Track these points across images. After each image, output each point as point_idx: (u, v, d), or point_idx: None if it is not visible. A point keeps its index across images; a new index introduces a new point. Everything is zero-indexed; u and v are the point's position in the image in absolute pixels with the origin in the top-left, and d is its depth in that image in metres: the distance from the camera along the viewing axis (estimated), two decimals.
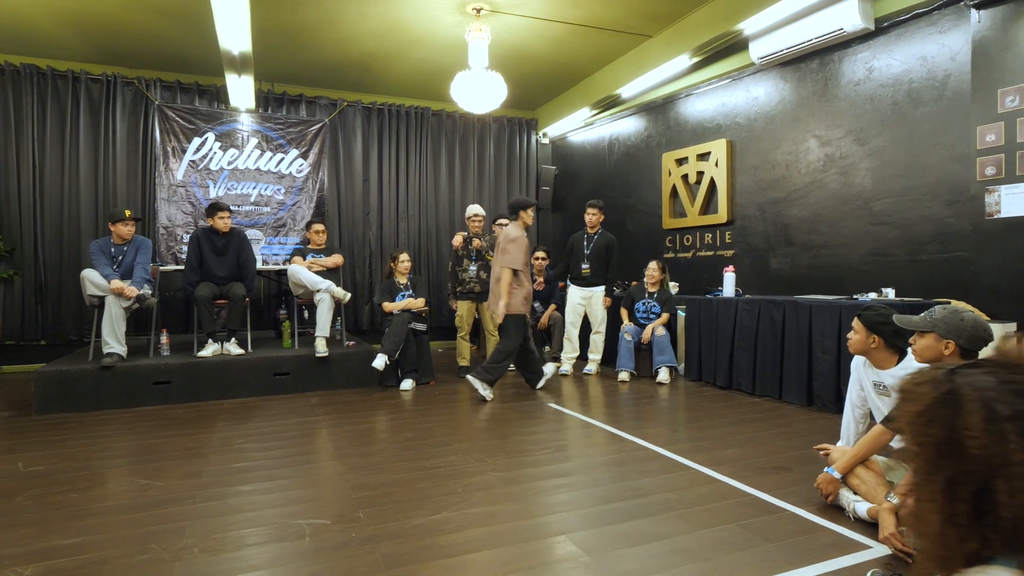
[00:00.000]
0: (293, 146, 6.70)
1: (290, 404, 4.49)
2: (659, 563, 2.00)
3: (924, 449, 0.89)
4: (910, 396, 0.93)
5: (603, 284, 5.55)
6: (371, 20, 5.32)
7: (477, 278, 5.55)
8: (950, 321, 2.00)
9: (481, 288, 5.52)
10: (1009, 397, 0.82)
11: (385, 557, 2.05)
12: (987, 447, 0.82)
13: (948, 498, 0.85)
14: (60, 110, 6.13)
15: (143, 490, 2.70)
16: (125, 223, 4.69)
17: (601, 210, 5.68)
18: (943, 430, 0.87)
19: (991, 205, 3.75)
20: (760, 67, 5.31)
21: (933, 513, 0.88)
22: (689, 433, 3.68)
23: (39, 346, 6.08)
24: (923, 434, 0.89)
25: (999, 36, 3.72)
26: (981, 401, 0.84)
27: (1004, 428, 0.81)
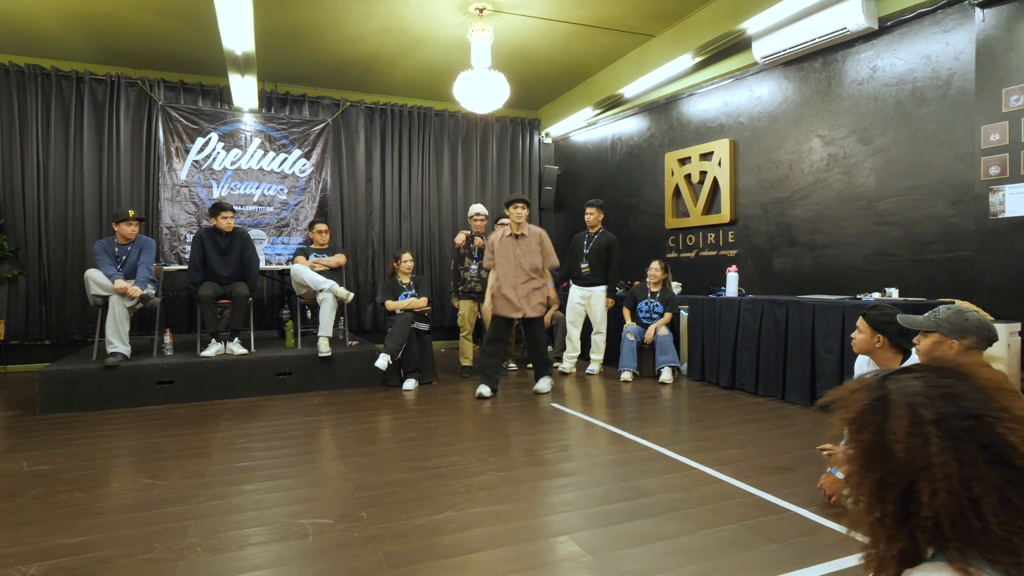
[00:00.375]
0: (296, 146, 6.71)
1: (293, 404, 4.50)
2: (662, 563, 2.00)
3: (856, 453, 0.93)
4: (844, 403, 0.96)
5: (603, 284, 5.54)
6: (374, 20, 5.32)
7: (478, 277, 5.54)
8: (954, 321, 1.99)
9: (483, 287, 5.49)
10: (934, 401, 0.86)
11: (388, 557, 2.05)
12: (910, 450, 0.85)
13: (878, 499, 0.89)
14: (64, 110, 6.15)
15: (147, 489, 2.71)
16: (129, 223, 4.71)
17: (600, 209, 5.66)
18: (872, 435, 0.90)
19: (995, 205, 3.73)
20: (763, 67, 5.30)
21: (865, 514, 0.91)
22: (692, 433, 3.67)
23: (43, 346, 6.10)
24: (854, 439, 0.93)
25: (1003, 35, 3.70)
26: (907, 406, 0.87)
27: (927, 431, 0.84)
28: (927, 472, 0.83)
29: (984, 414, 0.84)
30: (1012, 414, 0.84)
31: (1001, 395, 0.87)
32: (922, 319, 2.09)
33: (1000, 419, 0.83)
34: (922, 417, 0.85)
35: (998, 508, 0.78)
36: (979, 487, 0.79)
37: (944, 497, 0.81)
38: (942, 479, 0.81)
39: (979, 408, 0.85)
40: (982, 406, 0.85)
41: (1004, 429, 0.82)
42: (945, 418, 0.84)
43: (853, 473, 0.94)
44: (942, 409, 0.85)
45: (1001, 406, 0.85)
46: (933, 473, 0.82)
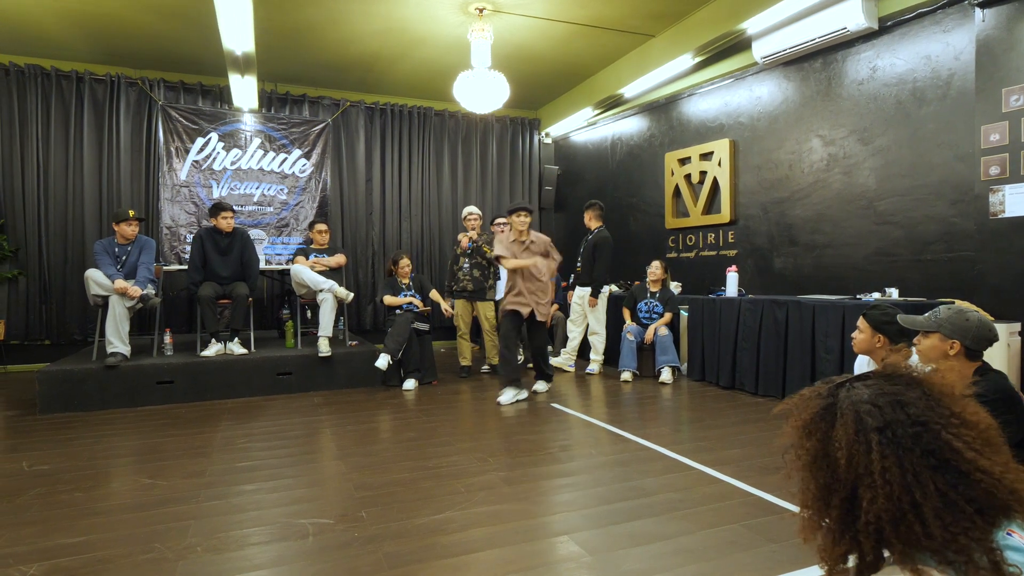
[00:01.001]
0: (296, 146, 6.71)
1: (293, 404, 4.50)
2: (662, 563, 2.00)
3: (803, 461, 0.95)
4: (796, 411, 0.99)
5: (587, 284, 5.54)
6: (374, 20, 5.32)
7: (471, 276, 5.55)
8: (955, 321, 1.99)
9: (474, 286, 5.55)
10: (882, 409, 0.88)
11: (388, 557, 2.05)
12: (852, 458, 0.88)
13: (823, 505, 0.92)
14: (64, 110, 6.15)
15: (147, 489, 2.71)
16: (129, 223, 4.71)
17: (591, 209, 5.67)
18: (818, 442, 0.93)
19: (995, 205, 3.73)
20: (763, 67, 5.30)
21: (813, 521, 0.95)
22: (692, 433, 3.67)
23: (43, 346, 6.10)
24: (802, 447, 0.95)
25: (1003, 35, 3.70)
26: (854, 414, 0.90)
27: (870, 438, 0.86)
28: (868, 478, 0.85)
29: (930, 420, 0.85)
30: (960, 419, 0.86)
31: (950, 401, 0.89)
32: (922, 319, 2.09)
33: (947, 425, 0.85)
34: (867, 424, 0.87)
35: (942, 512, 0.80)
36: (920, 492, 0.81)
37: (883, 503, 0.83)
38: (882, 485, 0.83)
39: (925, 415, 0.86)
40: (929, 413, 0.86)
41: (950, 435, 0.84)
42: (890, 425, 0.86)
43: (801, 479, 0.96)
44: (889, 416, 0.87)
45: (950, 412, 0.87)
46: (873, 479, 0.84)
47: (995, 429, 0.89)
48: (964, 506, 0.80)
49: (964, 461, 0.82)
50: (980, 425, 0.87)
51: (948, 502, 0.80)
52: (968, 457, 0.83)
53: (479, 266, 5.56)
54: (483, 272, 5.57)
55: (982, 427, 0.87)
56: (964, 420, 0.87)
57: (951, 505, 0.80)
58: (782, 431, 1.01)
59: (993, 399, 1.89)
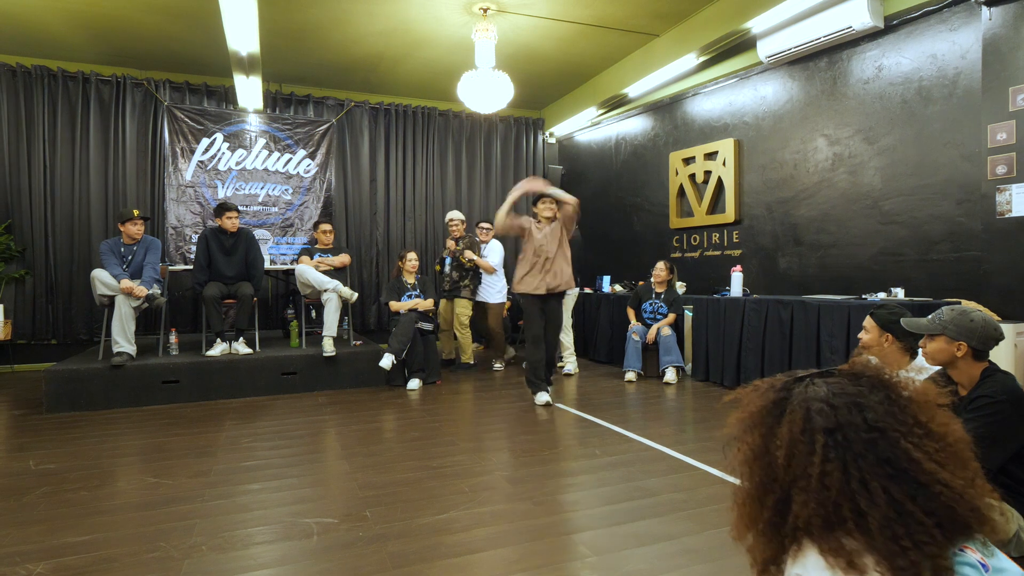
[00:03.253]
0: (301, 146, 6.73)
1: (298, 403, 4.51)
2: (667, 563, 1.99)
3: (742, 454, 0.90)
4: (745, 401, 0.93)
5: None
6: (378, 20, 5.33)
7: (450, 277, 5.81)
8: (960, 323, 1.97)
9: (450, 286, 5.81)
10: (837, 410, 0.82)
11: (392, 556, 2.05)
12: (791, 458, 0.83)
13: (758, 504, 0.87)
14: (71, 111, 6.18)
15: (153, 488, 2.72)
16: (134, 222, 4.73)
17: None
18: (760, 438, 0.88)
19: (1002, 204, 3.71)
20: (768, 66, 5.28)
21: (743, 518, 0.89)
22: (696, 433, 3.67)
23: (50, 345, 6.13)
24: (743, 441, 0.90)
25: (1010, 34, 3.68)
26: (804, 412, 0.84)
27: (815, 440, 0.81)
28: (803, 481, 0.81)
29: (889, 427, 0.80)
30: (925, 429, 0.81)
31: (917, 408, 0.83)
32: (926, 321, 2.07)
33: (907, 433, 0.80)
34: (815, 424, 0.82)
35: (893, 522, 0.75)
36: (866, 500, 0.76)
37: (814, 507, 0.78)
38: (817, 489, 0.79)
39: (884, 421, 0.81)
40: (888, 419, 0.81)
41: (909, 444, 0.79)
42: (841, 427, 0.81)
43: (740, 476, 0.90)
44: (843, 418, 0.81)
45: (914, 420, 0.82)
46: (809, 483, 0.80)
47: (964, 443, 0.83)
48: (922, 518, 0.75)
49: (923, 472, 0.78)
50: (947, 437, 0.82)
51: (903, 512, 0.75)
52: (927, 468, 0.78)
53: (458, 268, 5.79)
54: (460, 274, 5.79)
55: (949, 439, 0.82)
56: (929, 430, 0.82)
57: (906, 516, 0.75)
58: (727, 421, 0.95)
59: (1002, 400, 1.87)
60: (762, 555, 0.88)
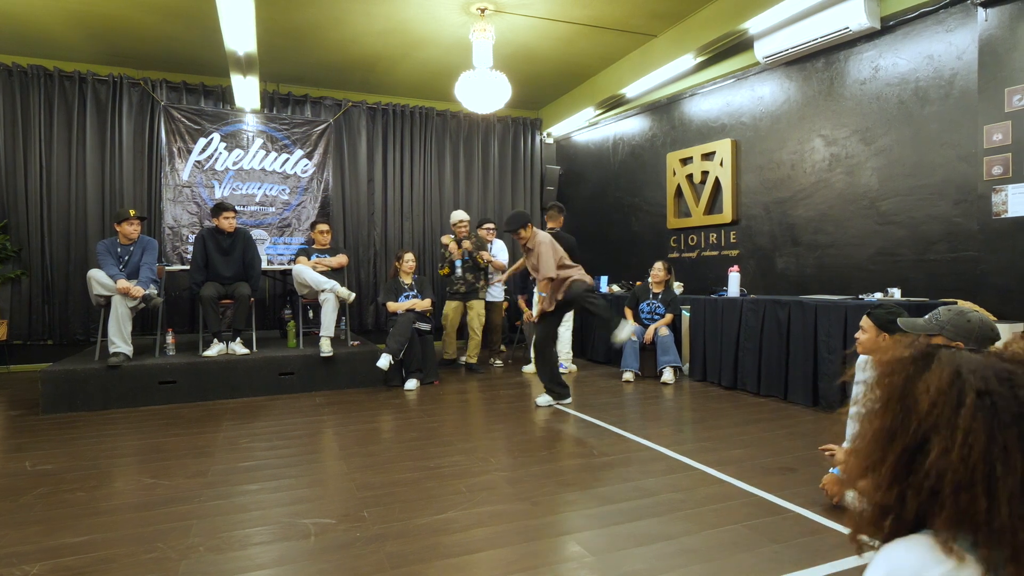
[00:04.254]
0: (298, 146, 6.72)
1: (295, 404, 4.50)
2: (665, 563, 1.99)
3: (874, 395, 0.88)
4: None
5: None
6: (376, 20, 5.32)
7: (463, 279, 5.71)
8: (957, 323, 1.98)
9: (466, 288, 5.72)
10: (988, 378, 0.80)
11: (390, 556, 2.05)
12: (936, 405, 0.80)
13: (880, 447, 0.84)
14: (67, 111, 6.16)
15: (150, 489, 2.72)
16: (130, 222, 4.71)
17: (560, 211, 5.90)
18: (902, 380, 0.85)
19: (998, 204, 3.72)
20: (765, 66, 5.29)
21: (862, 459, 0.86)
22: (694, 433, 3.67)
23: (46, 345, 6.11)
24: (879, 382, 0.88)
25: (1006, 35, 3.69)
26: (954, 367, 0.82)
27: (965, 396, 0.79)
28: (947, 431, 0.78)
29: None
30: None
31: None
32: (923, 322, 2.08)
33: None
34: (967, 381, 0.80)
35: (1018, 496, 0.73)
36: (1003, 467, 0.74)
37: (956, 461, 0.76)
38: (962, 443, 0.76)
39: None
40: None
41: None
42: (991, 393, 0.78)
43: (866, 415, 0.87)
44: (993, 386, 0.79)
45: None
46: (954, 434, 0.77)
47: None
48: None
49: None
50: None
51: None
52: None
53: (471, 269, 5.73)
54: (475, 275, 5.75)
55: None
56: None
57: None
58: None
59: None
60: (879, 502, 0.85)
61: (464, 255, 5.70)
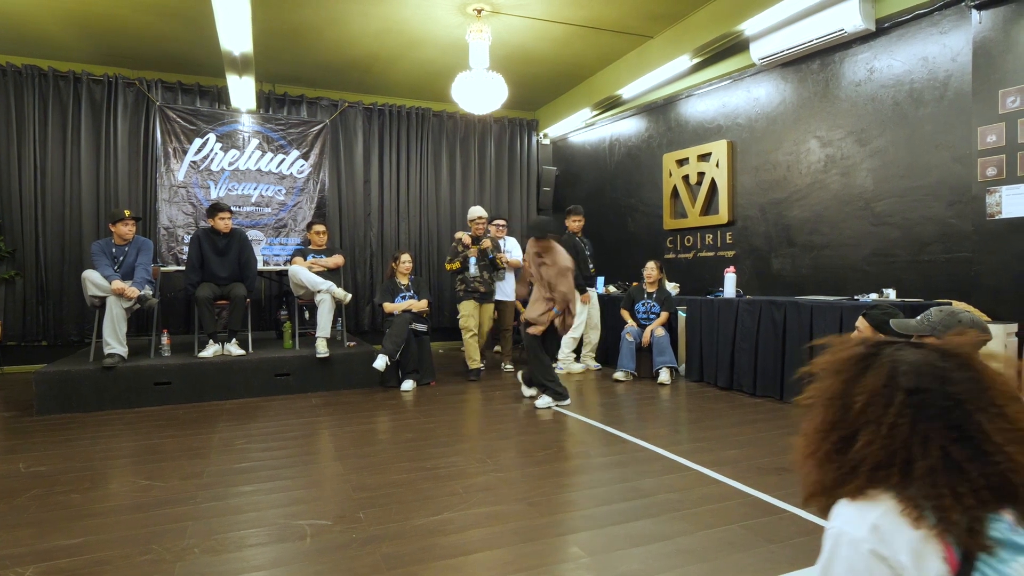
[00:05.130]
0: (294, 147, 6.71)
1: (291, 405, 4.49)
2: (661, 564, 2.00)
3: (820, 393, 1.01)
4: (835, 349, 1.03)
5: (583, 285, 5.63)
6: (372, 21, 5.32)
7: (481, 278, 5.50)
8: (948, 324, 1.98)
9: (485, 288, 5.52)
10: (922, 377, 0.91)
11: (386, 558, 2.04)
12: (869, 406, 0.93)
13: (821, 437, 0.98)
14: (62, 111, 6.13)
15: (145, 490, 2.70)
16: (125, 223, 4.70)
17: (582, 215, 5.89)
18: (842, 383, 0.98)
19: (992, 206, 3.74)
20: (761, 68, 5.31)
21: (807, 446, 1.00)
22: (690, 434, 3.68)
23: (40, 347, 6.08)
24: (825, 381, 1.01)
25: (1000, 37, 3.72)
26: (890, 369, 0.94)
27: (895, 396, 0.91)
28: (873, 426, 0.91)
29: (967, 401, 0.89)
30: (1000, 411, 0.89)
31: (1000, 396, 0.91)
32: (915, 323, 2.09)
33: (983, 410, 0.89)
34: (898, 383, 0.92)
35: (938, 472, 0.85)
36: (920, 451, 0.87)
37: (877, 450, 0.89)
38: (885, 436, 0.89)
39: (964, 395, 0.89)
40: (968, 394, 0.90)
41: (982, 417, 0.88)
42: (921, 391, 0.90)
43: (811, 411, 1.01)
44: (924, 384, 0.91)
45: (991, 401, 0.90)
46: (879, 429, 0.90)
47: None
48: (976, 479, 0.84)
49: (989, 442, 0.86)
50: (1019, 423, 0.90)
51: (954, 468, 0.85)
52: (995, 440, 0.86)
53: (489, 267, 5.55)
54: (492, 274, 5.59)
55: (1020, 425, 0.90)
56: (1003, 412, 0.90)
57: (956, 472, 0.85)
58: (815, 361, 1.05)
59: None
60: (815, 481, 0.98)
61: (488, 254, 5.51)
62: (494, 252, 5.56)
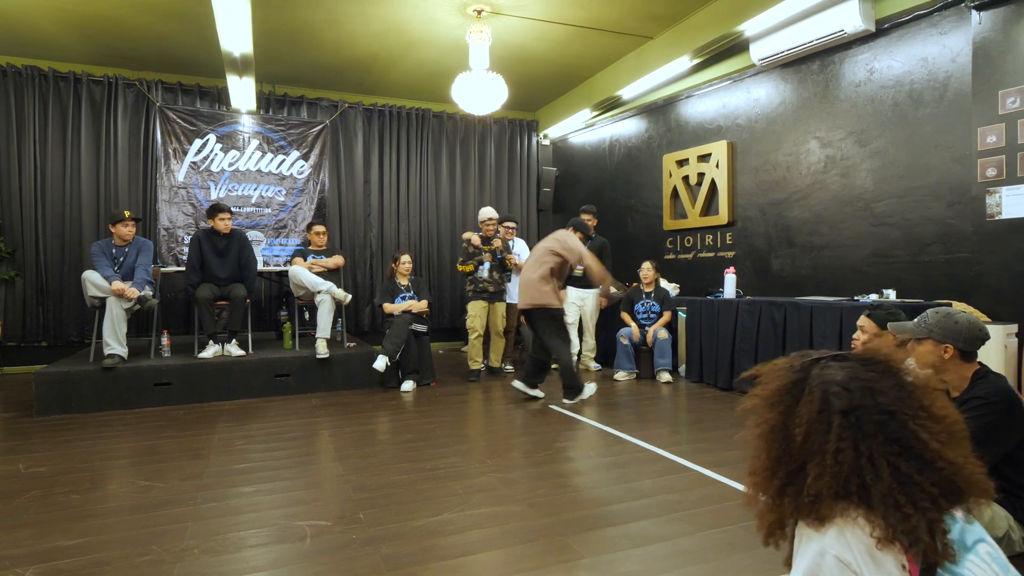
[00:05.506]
0: (294, 147, 6.71)
1: (291, 405, 4.49)
2: (661, 565, 1.99)
3: (760, 428, 1.00)
4: (765, 379, 1.04)
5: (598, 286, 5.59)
6: (372, 21, 5.32)
7: (490, 278, 5.48)
8: (945, 325, 1.98)
9: (495, 288, 5.50)
10: (853, 393, 0.93)
11: (386, 559, 2.04)
12: (810, 436, 0.93)
13: (770, 474, 0.98)
14: (62, 112, 6.13)
15: (144, 491, 2.70)
16: (125, 223, 4.70)
17: (594, 215, 5.79)
18: (779, 415, 0.98)
19: (992, 206, 3.74)
20: (761, 68, 5.31)
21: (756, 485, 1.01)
22: (690, 435, 3.67)
23: (40, 347, 6.08)
24: (763, 416, 1.00)
25: (1000, 37, 3.72)
26: (822, 394, 0.95)
27: (832, 420, 0.92)
28: (819, 456, 0.91)
29: (899, 411, 0.91)
30: (928, 412, 0.92)
31: (921, 394, 0.94)
32: (912, 326, 2.08)
33: (915, 416, 0.91)
34: (832, 406, 0.93)
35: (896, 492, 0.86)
36: (872, 475, 0.88)
37: (829, 480, 0.89)
38: (832, 464, 0.90)
39: (895, 405, 0.91)
40: (899, 403, 0.92)
41: (916, 426, 0.90)
42: (855, 409, 0.91)
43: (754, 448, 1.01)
44: (857, 401, 0.92)
45: (919, 404, 0.92)
46: (824, 458, 0.90)
47: (960, 424, 0.95)
48: (929, 488, 0.87)
49: (928, 451, 0.89)
50: (947, 419, 0.93)
51: (909, 483, 0.87)
52: (933, 448, 0.89)
53: (499, 268, 5.53)
54: (502, 275, 5.58)
55: (948, 421, 0.93)
56: (932, 413, 0.92)
57: (912, 486, 0.87)
58: (746, 397, 1.04)
59: (994, 401, 1.89)
60: (769, 518, 0.98)
61: (497, 255, 5.51)
62: (503, 253, 5.57)
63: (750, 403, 1.04)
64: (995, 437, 1.88)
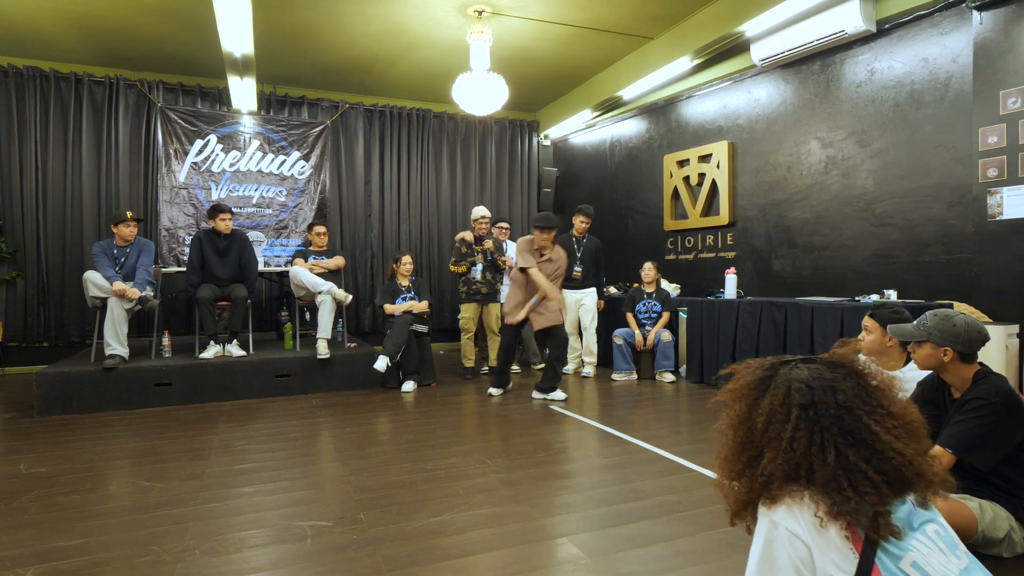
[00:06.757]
0: (295, 148, 6.71)
1: (292, 406, 4.49)
2: (661, 565, 1.99)
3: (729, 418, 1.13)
4: (738, 375, 1.16)
5: (594, 286, 5.65)
6: (373, 22, 5.33)
7: (483, 279, 5.51)
8: (944, 328, 1.98)
9: (488, 289, 5.53)
10: (815, 391, 1.04)
11: (387, 559, 2.04)
12: (770, 425, 1.05)
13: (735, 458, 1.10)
14: (63, 112, 6.14)
15: (145, 492, 2.70)
16: (127, 224, 4.70)
17: (589, 216, 5.78)
18: (746, 407, 1.10)
19: (993, 207, 3.74)
20: (761, 69, 5.31)
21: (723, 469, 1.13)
22: (691, 435, 3.67)
23: (41, 348, 6.09)
24: (732, 407, 1.13)
25: (1001, 38, 3.71)
26: (785, 389, 1.06)
27: (791, 412, 1.03)
28: (776, 443, 1.03)
29: (856, 407, 1.02)
30: (886, 410, 1.04)
31: (881, 395, 1.05)
32: (911, 329, 2.08)
33: (871, 412, 1.02)
34: (793, 400, 1.04)
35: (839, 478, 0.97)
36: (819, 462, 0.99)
37: (782, 464, 1.01)
38: (786, 451, 1.01)
39: (852, 402, 1.03)
40: (856, 400, 1.03)
41: (871, 420, 1.01)
42: (815, 404, 1.03)
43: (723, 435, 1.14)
44: (817, 398, 1.03)
45: (878, 403, 1.04)
46: (780, 444, 1.02)
47: (919, 423, 1.06)
48: (873, 476, 0.97)
49: (880, 442, 0.99)
50: (905, 417, 1.04)
51: (853, 470, 0.98)
52: (884, 439, 0.99)
53: (491, 269, 5.56)
54: (495, 275, 5.59)
55: (906, 419, 1.04)
56: (889, 411, 1.03)
57: (856, 473, 0.97)
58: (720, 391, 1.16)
59: (995, 402, 1.89)
60: (736, 500, 1.10)
61: (488, 255, 5.53)
62: (495, 254, 5.56)
63: (722, 396, 1.15)
64: (996, 437, 1.88)
